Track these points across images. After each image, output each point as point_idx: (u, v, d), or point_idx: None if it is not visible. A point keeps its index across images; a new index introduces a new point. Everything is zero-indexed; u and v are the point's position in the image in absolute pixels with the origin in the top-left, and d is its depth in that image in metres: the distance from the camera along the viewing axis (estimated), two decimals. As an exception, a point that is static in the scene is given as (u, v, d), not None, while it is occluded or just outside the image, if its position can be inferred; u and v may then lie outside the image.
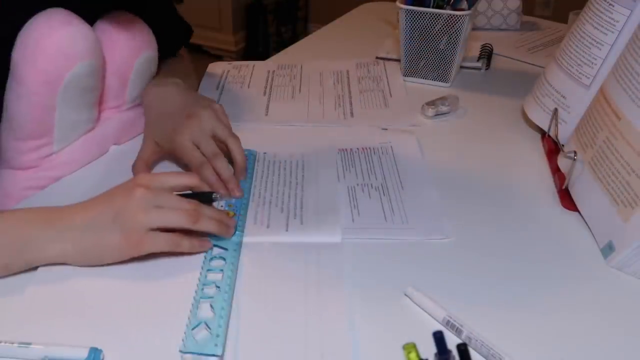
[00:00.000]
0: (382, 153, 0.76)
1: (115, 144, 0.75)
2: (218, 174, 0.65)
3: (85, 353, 0.46)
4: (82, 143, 0.70)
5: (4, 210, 0.57)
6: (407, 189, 0.68)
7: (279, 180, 0.70)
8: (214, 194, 0.60)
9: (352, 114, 0.88)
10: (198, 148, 0.65)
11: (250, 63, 1.06)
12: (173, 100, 0.72)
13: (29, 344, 0.47)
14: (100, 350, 0.46)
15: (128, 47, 0.69)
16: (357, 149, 0.77)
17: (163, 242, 0.53)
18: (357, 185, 0.69)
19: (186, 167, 0.68)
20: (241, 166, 0.67)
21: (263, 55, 2.48)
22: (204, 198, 0.57)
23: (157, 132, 0.70)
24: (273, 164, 0.74)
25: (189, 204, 0.55)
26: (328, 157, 0.74)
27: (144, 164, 0.69)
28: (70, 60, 0.61)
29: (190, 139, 0.65)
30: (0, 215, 0.55)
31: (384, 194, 0.67)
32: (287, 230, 0.61)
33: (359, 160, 0.74)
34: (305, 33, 3.24)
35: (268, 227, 0.62)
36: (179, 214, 0.54)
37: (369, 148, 0.77)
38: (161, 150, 0.70)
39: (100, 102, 0.71)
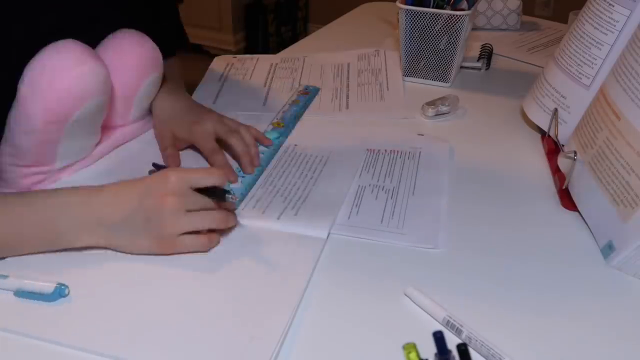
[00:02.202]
0: (408, 158, 0.75)
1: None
2: (239, 146, 0.71)
3: (51, 288, 0.51)
4: (83, 162, 0.70)
5: (35, 193, 0.58)
6: (418, 195, 0.67)
7: (296, 172, 0.71)
8: (228, 194, 0.59)
9: (347, 106, 0.89)
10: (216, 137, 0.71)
11: (255, 56, 1.07)
12: (186, 106, 0.77)
13: (6, 276, 0.52)
14: (66, 286, 0.51)
15: (136, 71, 0.68)
16: (385, 150, 0.76)
17: (193, 245, 0.56)
18: (369, 185, 0.69)
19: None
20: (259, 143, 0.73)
21: (263, 55, 2.48)
22: (218, 193, 0.57)
23: (175, 123, 0.74)
24: (299, 156, 0.74)
25: (215, 209, 0.57)
26: (354, 156, 0.74)
27: (173, 149, 0.74)
28: (79, 100, 0.60)
29: (211, 127, 0.71)
30: (32, 200, 0.56)
31: (391, 197, 0.66)
32: (278, 219, 0.62)
33: (382, 162, 0.74)
34: (305, 33, 3.24)
35: (263, 213, 0.63)
36: (207, 218, 0.56)
37: (398, 151, 0.76)
38: (177, 140, 0.74)
39: (104, 121, 0.69)
